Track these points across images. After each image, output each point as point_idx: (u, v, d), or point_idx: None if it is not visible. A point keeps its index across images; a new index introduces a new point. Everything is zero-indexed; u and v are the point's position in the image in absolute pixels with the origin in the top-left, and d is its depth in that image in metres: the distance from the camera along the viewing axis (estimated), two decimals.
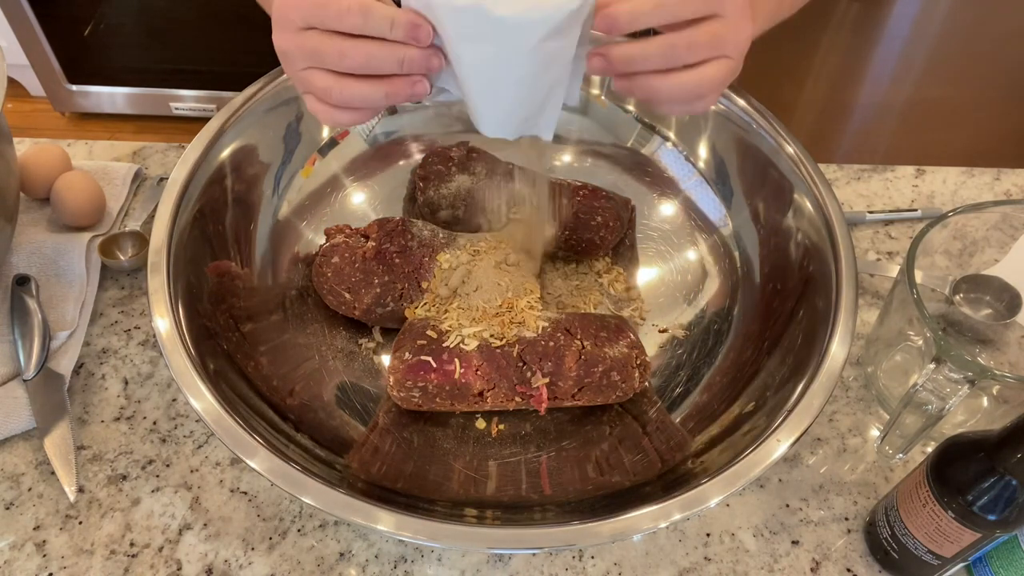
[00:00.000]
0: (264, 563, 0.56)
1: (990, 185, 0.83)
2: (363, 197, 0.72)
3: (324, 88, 0.45)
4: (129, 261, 0.71)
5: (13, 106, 2.07)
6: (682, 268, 0.70)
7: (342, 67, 0.44)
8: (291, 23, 0.44)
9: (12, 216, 0.67)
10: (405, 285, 0.63)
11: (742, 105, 0.66)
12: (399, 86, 0.45)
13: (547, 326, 0.59)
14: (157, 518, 0.58)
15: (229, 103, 0.63)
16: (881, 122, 1.34)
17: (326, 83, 0.45)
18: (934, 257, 0.65)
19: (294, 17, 0.44)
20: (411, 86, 0.45)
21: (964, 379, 0.53)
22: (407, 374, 0.56)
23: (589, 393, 0.58)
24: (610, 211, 0.67)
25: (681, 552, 0.58)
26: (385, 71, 0.44)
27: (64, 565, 0.56)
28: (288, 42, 0.45)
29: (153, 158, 0.81)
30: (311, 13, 0.43)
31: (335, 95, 0.45)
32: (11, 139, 0.67)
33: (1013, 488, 0.46)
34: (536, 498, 0.55)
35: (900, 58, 1.23)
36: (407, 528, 0.46)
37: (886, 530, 0.55)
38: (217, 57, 1.83)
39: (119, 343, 0.68)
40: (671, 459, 0.55)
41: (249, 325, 0.60)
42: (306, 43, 0.44)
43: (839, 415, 0.65)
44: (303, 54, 0.44)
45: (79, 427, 0.62)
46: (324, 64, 0.44)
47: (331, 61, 0.44)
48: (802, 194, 0.62)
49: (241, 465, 0.61)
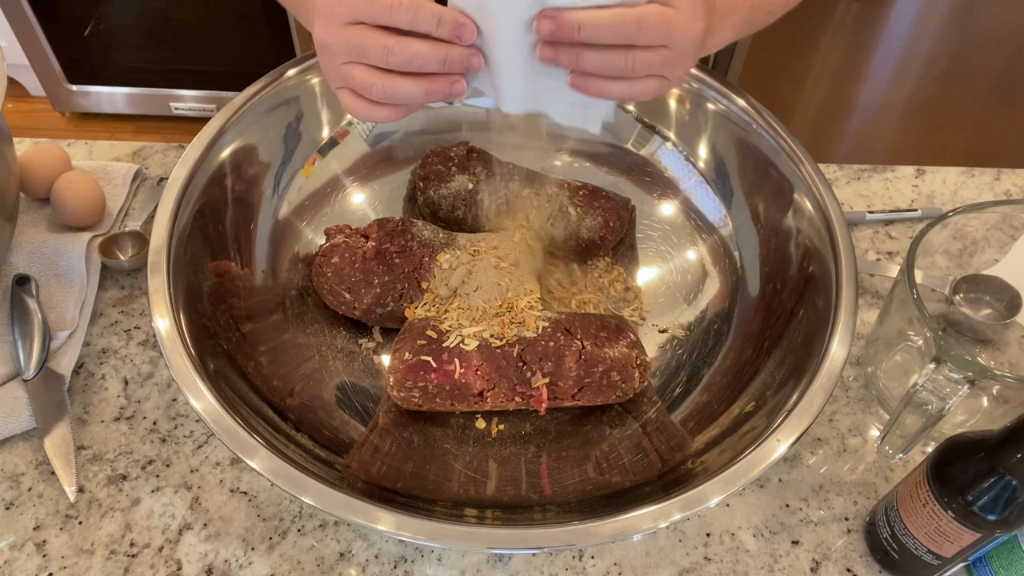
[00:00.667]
0: (264, 563, 0.56)
1: (990, 185, 0.83)
2: (363, 197, 0.72)
3: (365, 83, 0.45)
4: (129, 261, 0.71)
5: (13, 106, 2.07)
6: (682, 268, 0.70)
7: (386, 63, 0.44)
8: (337, 16, 0.44)
9: (12, 216, 0.67)
10: (405, 285, 0.63)
11: (742, 105, 0.66)
12: (439, 84, 0.45)
13: (547, 326, 0.59)
14: (157, 518, 0.58)
15: (229, 103, 0.63)
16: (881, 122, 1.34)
17: (368, 78, 0.45)
18: (934, 257, 0.65)
19: (341, 11, 0.43)
20: (450, 85, 0.46)
21: (964, 379, 0.53)
22: (407, 374, 0.56)
23: (589, 393, 0.58)
24: (610, 211, 0.67)
25: (681, 552, 0.58)
26: (427, 69, 0.44)
27: (64, 565, 0.56)
28: (332, 35, 0.44)
29: (153, 158, 0.81)
30: (360, 8, 0.43)
31: (376, 91, 0.45)
32: (11, 139, 0.67)
33: (1013, 488, 0.46)
34: (536, 498, 0.55)
35: (900, 58, 1.24)
36: (407, 528, 0.46)
37: (886, 530, 0.55)
38: (217, 57, 1.83)
39: (119, 343, 0.68)
40: (671, 459, 0.55)
41: (249, 325, 0.60)
42: (351, 37, 0.44)
43: (839, 415, 0.65)
44: (347, 48, 0.44)
45: (79, 427, 0.62)
46: (367, 59, 0.44)
47: (375, 56, 0.44)
48: (802, 194, 0.62)
49: (241, 465, 0.61)
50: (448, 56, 0.44)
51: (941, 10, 1.16)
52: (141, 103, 1.95)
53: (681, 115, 0.71)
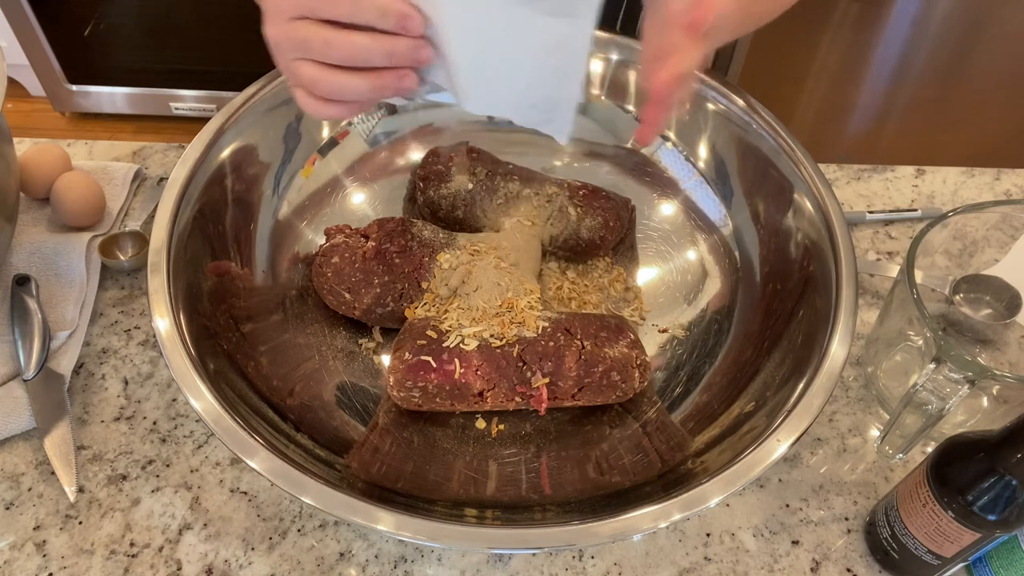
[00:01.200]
0: (264, 563, 0.56)
1: (990, 185, 0.83)
2: (363, 197, 0.72)
3: (311, 79, 0.44)
4: (129, 261, 0.71)
5: (13, 106, 2.07)
6: (682, 268, 0.70)
7: (329, 58, 0.43)
8: (283, 13, 0.43)
9: (12, 216, 0.67)
10: (405, 285, 0.63)
11: (742, 105, 0.66)
12: (387, 79, 0.44)
13: (547, 326, 0.59)
14: (157, 518, 0.58)
15: (229, 103, 0.63)
16: (881, 122, 1.34)
17: (314, 75, 0.44)
18: (934, 257, 0.65)
19: (286, 7, 0.43)
20: (398, 80, 0.44)
21: (964, 379, 0.53)
22: (407, 374, 0.56)
23: (589, 393, 0.58)
24: (610, 211, 0.67)
25: (681, 552, 0.58)
26: (373, 63, 0.43)
27: (64, 565, 0.56)
28: (279, 32, 0.44)
29: (153, 158, 0.81)
30: (303, 2, 0.42)
31: (322, 87, 0.44)
32: (11, 139, 0.67)
33: (1013, 488, 0.46)
34: (536, 498, 0.55)
35: (900, 58, 1.24)
36: (407, 528, 0.46)
37: (886, 530, 0.55)
38: (217, 57, 1.83)
39: (119, 343, 0.68)
40: (671, 459, 0.55)
41: (249, 325, 0.60)
42: (296, 33, 0.43)
43: (839, 415, 0.65)
44: (292, 44, 0.44)
45: (79, 427, 0.62)
46: (311, 55, 0.43)
47: (317, 51, 0.43)
48: (802, 194, 0.62)
49: (241, 465, 0.61)
50: (393, 49, 0.43)
51: (941, 10, 1.16)
52: (141, 103, 1.95)
53: (681, 115, 0.71)
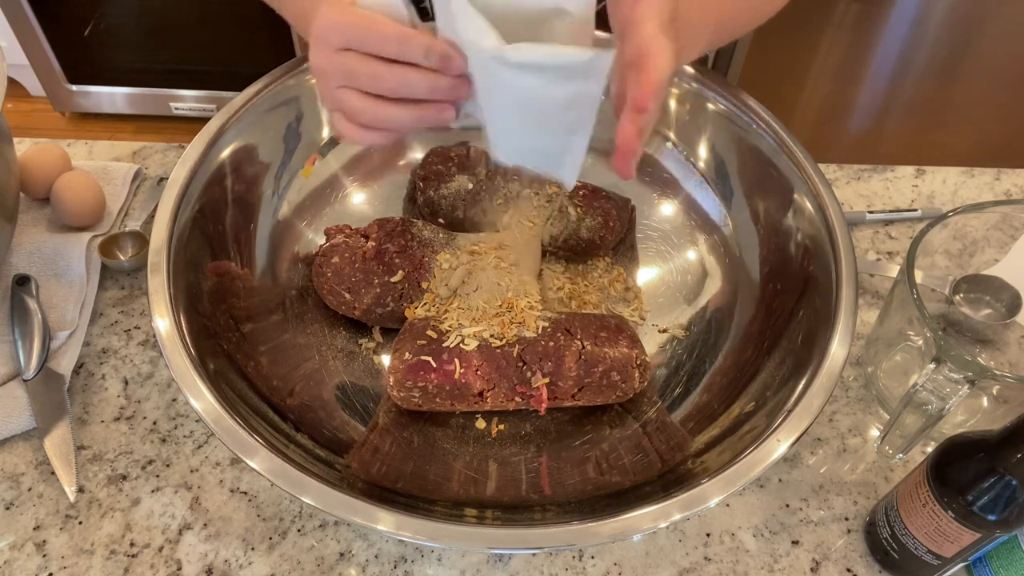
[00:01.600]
0: (264, 563, 0.56)
1: (990, 185, 0.83)
2: (363, 197, 0.72)
3: (356, 109, 0.46)
4: (129, 261, 0.71)
5: (13, 106, 2.07)
6: (682, 268, 0.70)
7: (376, 89, 0.45)
8: (330, 43, 0.45)
9: (12, 216, 0.67)
10: (405, 285, 0.63)
11: (742, 105, 0.66)
12: (428, 111, 0.46)
13: (547, 326, 0.59)
14: (157, 518, 0.58)
15: (229, 103, 0.63)
16: (881, 122, 1.34)
17: (359, 104, 0.46)
18: (934, 257, 0.65)
19: (333, 37, 0.45)
20: (439, 112, 0.47)
21: (964, 379, 0.53)
22: (407, 374, 0.56)
23: (589, 393, 0.58)
24: (610, 211, 0.67)
25: (681, 552, 0.58)
26: (416, 96, 0.46)
27: (64, 565, 0.56)
28: (325, 60, 0.46)
29: (153, 158, 0.81)
30: (352, 36, 0.44)
31: (367, 116, 0.46)
32: (11, 139, 0.67)
33: (1013, 488, 0.46)
34: (536, 498, 0.55)
35: (900, 58, 1.24)
36: (407, 528, 0.46)
37: (886, 530, 0.55)
38: (217, 57, 1.83)
39: (119, 343, 0.68)
40: (671, 459, 0.55)
41: (249, 325, 0.60)
42: (344, 63, 0.45)
43: (839, 415, 0.65)
44: (338, 73, 0.45)
45: (79, 427, 0.62)
46: (357, 84, 0.45)
47: (365, 82, 0.45)
48: (802, 194, 0.62)
49: (241, 465, 0.61)
50: (436, 84, 0.45)
51: (941, 10, 1.16)
52: (141, 103, 1.95)
53: (681, 115, 0.71)
